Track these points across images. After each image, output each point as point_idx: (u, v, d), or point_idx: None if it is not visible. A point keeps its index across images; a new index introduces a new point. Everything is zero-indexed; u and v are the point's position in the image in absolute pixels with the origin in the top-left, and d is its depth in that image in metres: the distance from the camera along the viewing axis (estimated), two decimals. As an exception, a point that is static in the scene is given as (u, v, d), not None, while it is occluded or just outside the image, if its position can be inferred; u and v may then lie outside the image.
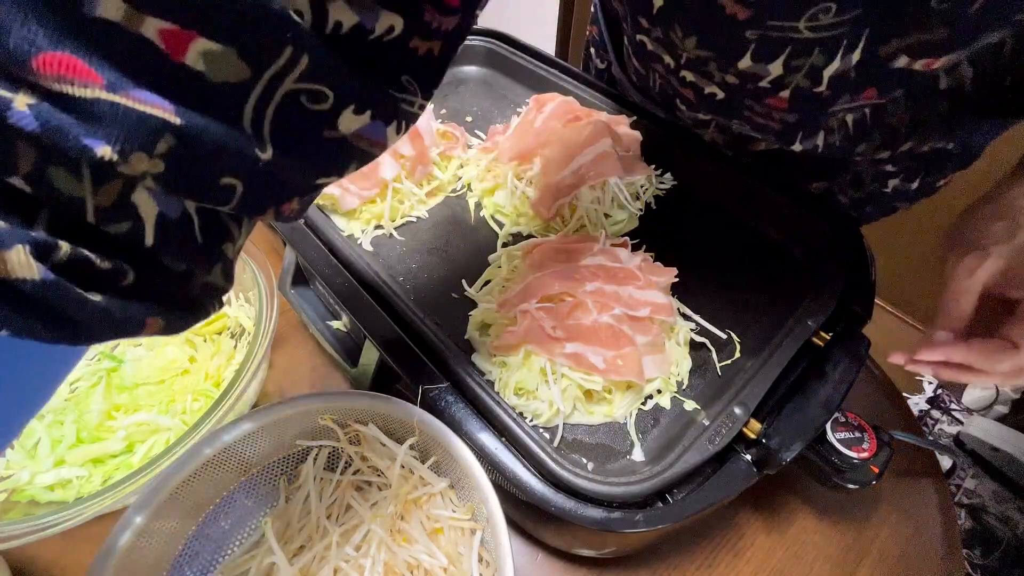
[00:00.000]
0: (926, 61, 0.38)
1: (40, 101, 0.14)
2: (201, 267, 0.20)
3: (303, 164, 0.21)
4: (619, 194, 0.55)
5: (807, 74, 0.41)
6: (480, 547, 0.35)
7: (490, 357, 0.44)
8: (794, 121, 0.48)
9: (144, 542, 0.32)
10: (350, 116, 0.20)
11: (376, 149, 0.24)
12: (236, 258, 0.23)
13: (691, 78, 0.49)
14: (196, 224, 0.19)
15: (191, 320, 0.21)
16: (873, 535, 0.43)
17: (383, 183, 0.55)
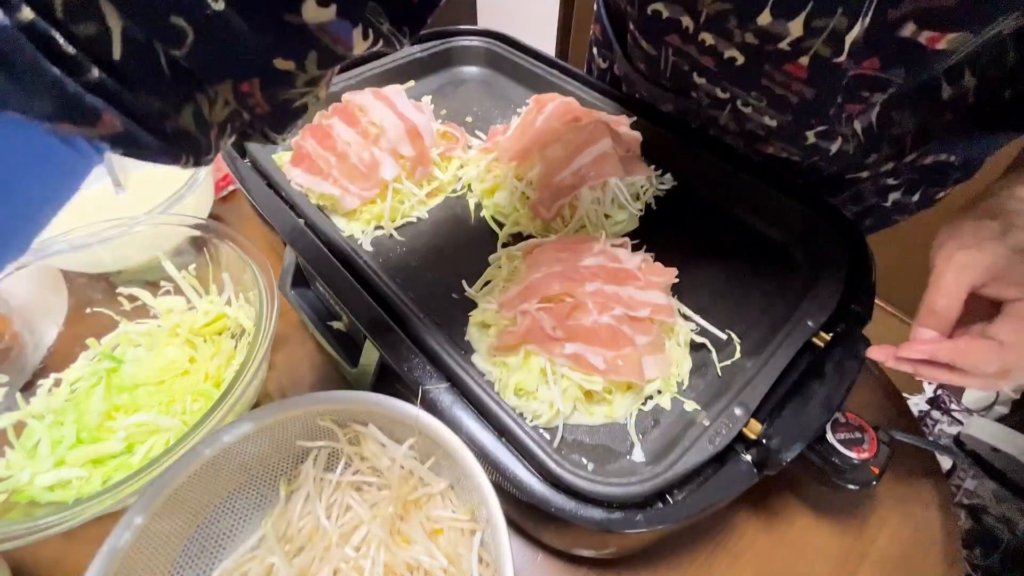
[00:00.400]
0: (931, 35, 0.37)
1: None
2: (170, 103, 0.20)
3: (258, 35, 0.20)
4: (619, 194, 0.55)
5: (829, 39, 0.40)
6: (480, 548, 0.35)
7: (490, 357, 0.44)
8: (812, 98, 0.46)
9: (144, 543, 0.32)
10: (313, 5, 0.20)
11: (339, 47, 0.23)
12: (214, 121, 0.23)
13: (710, 41, 0.48)
14: (162, 58, 0.19)
15: (155, 144, 0.20)
16: (873, 535, 0.43)
17: (383, 183, 0.55)
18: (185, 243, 0.51)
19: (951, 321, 0.35)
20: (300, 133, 0.59)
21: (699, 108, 0.60)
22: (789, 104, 0.49)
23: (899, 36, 0.38)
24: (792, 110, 0.49)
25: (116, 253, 0.50)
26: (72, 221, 0.59)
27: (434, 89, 0.73)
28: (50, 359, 0.48)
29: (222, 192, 0.71)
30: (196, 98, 0.21)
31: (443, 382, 0.39)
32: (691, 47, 0.51)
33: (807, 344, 0.42)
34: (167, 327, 0.50)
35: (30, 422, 0.43)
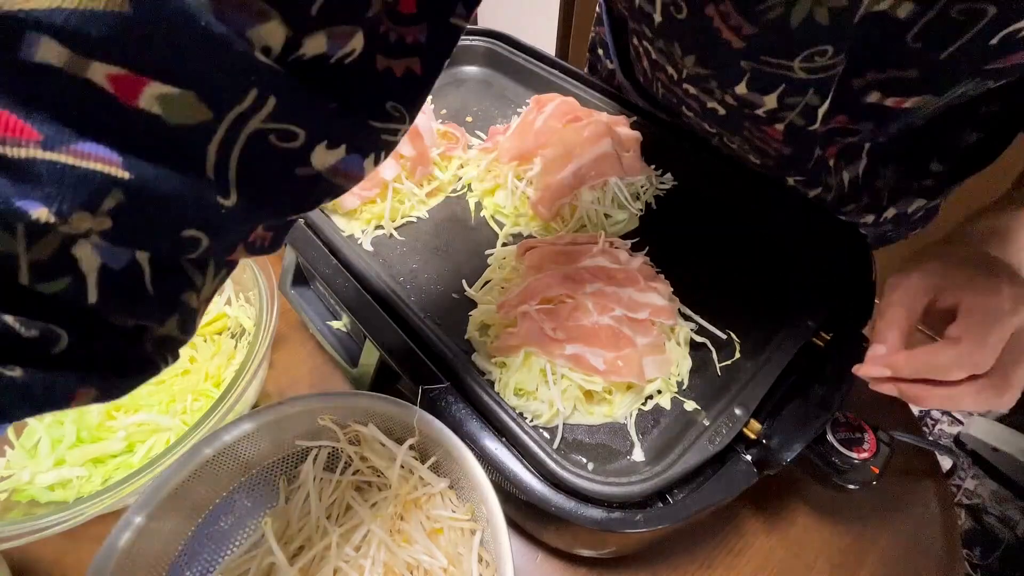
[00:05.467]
0: (896, 100, 0.38)
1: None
2: (153, 320, 0.18)
3: (273, 205, 0.19)
4: (619, 194, 0.55)
5: (802, 112, 0.41)
6: (480, 547, 0.35)
7: (490, 357, 0.44)
8: (789, 154, 0.48)
9: (144, 542, 0.32)
10: (323, 151, 0.19)
11: (351, 182, 0.22)
12: (202, 307, 0.21)
13: (693, 91, 0.49)
14: (147, 275, 0.17)
15: (135, 381, 0.19)
16: (873, 535, 0.43)
17: (383, 183, 0.55)
18: (185, 243, 0.51)
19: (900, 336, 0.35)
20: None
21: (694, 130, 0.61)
22: (769, 155, 0.50)
23: (865, 102, 0.40)
24: (772, 159, 0.51)
25: (116, 253, 0.50)
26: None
27: (434, 89, 0.73)
28: (50, 359, 0.48)
29: (222, 192, 0.71)
30: (182, 301, 0.19)
31: (443, 382, 0.39)
32: (677, 89, 0.52)
33: (807, 344, 0.42)
34: (167, 327, 0.50)
35: (30, 422, 0.43)
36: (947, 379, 0.32)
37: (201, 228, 0.17)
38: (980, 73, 0.34)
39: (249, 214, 0.19)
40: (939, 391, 0.33)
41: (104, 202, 0.14)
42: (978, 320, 0.32)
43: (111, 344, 0.17)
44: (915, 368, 0.33)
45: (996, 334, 0.31)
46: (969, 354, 0.31)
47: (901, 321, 0.35)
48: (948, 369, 0.32)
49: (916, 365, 0.33)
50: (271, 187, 0.19)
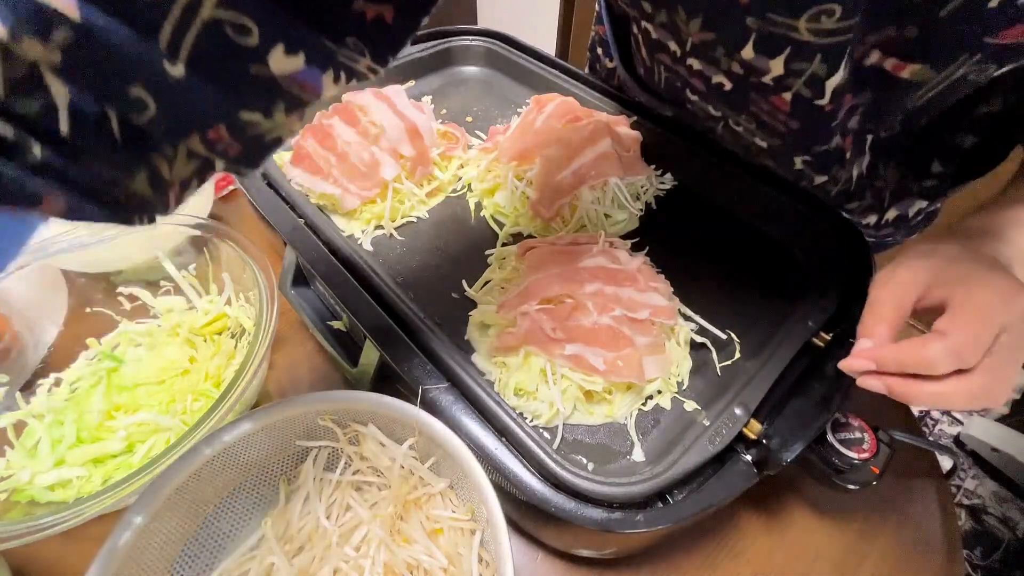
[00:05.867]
0: (895, 63, 0.38)
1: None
2: (121, 170, 0.19)
3: (222, 93, 0.20)
4: (619, 194, 0.55)
5: (808, 82, 0.41)
6: (480, 547, 0.35)
7: (490, 357, 0.44)
8: (797, 129, 0.47)
9: (144, 542, 0.32)
10: (281, 56, 0.20)
11: (307, 94, 0.23)
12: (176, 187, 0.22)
13: (698, 66, 0.48)
14: (114, 124, 0.18)
15: (103, 214, 0.19)
16: (873, 536, 0.43)
17: (383, 183, 0.55)
18: (185, 243, 0.51)
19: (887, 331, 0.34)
20: (300, 133, 0.59)
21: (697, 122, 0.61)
22: (777, 132, 0.50)
23: (865, 64, 0.39)
24: (780, 137, 0.50)
25: (116, 253, 0.50)
26: (72, 221, 0.59)
27: (434, 89, 0.73)
28: (50, 359, 0.48)
29: (222, 192, 0.71)
30: (151, 160, 0.20)
31: (443, 382, 0.39)
32: (680, 68, 0.51)
33: (807, 344, 0.42)
34: (167, 327, 0.50)
35: (30, 422, 0.43)
36: (933, 373, 0.31)
37: (147, 89, 0.18)
38: (980, 47, 0.34)
39: (198, 94, 0.19)
40: (928, 388, 0.31)
41: (54, 34, 0.15)
42: (967, 314, 0.31)
43: (83, 174, 0.18)
44: (900, 362, 0.32)
45: (985, 329, 0.30)
46: (956, 348, 0.30)
47: (889, 315, 0.34)
48: (934, 363, 0.30)
49: (902, 359, 0.32)
50: (222, 76, 0.20)
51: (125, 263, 0.51)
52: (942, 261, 0.34)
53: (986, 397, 0.30)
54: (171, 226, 0.50)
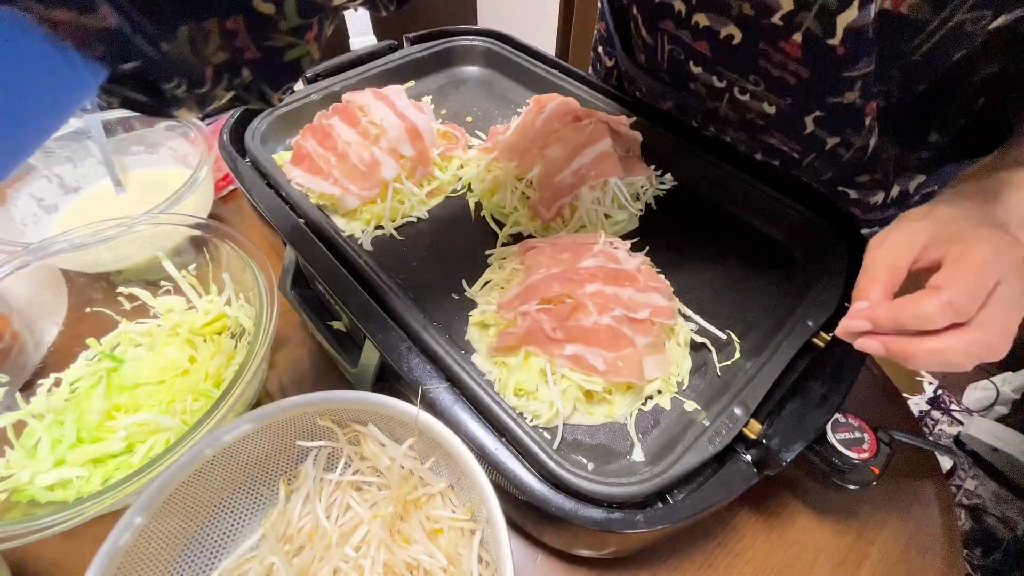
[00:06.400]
0: None
1: None
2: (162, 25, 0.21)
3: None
4: (619, 194, 0.55)
5: (819, 15, 0.40)
6: (480, 547, 0.35)
7: (490, 357, 0.44)
8: (808, 78, 0.46)
9: (144, 542, 0.32)
10: None
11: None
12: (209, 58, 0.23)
13: (704, 22, 0.48)
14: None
15: (149, 51, 0.21)
16: (873, 536, 0.43)
17: (383, 183, 0.55)
18: (185, 243, 0.51)
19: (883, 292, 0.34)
20: (300, 133, 0.59)
21: (698, 101, 0.59)
22: (787, 86, 0.49)
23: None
24: (790, 92, 0.49)
25: (116, 253, 0.50)
26: (72, 221, 0.59)
27: (434, 89, 0.73)
28: (50, 359, 0.48)
29: (222, 192, 0.71)
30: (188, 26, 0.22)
31: (443, 382, 0.39)
32: (685, 32, 0.51)
33: (807, 344, 0.42)
34: (167, 327, 0.50)
35: (30, 422, 0.43)
36: (930, 328, 0.30)
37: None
38: None
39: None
40: (926, 345, 0.31)
41: None
42: (961, 269, 0.31)
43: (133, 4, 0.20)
44: (896, 319, 0.31)
45: (980, 281, 0.30)
46: (952, 301, 0.29)
47: (883, 277, 0.33)
48: (931, 317, 0.30)
49: (897, 316, 0.31)
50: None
51: (125, 263, 0.51)
52: (936, 223, 0.34)
53: (984, 350, 0.30)
54: (171, 226, 0.50)
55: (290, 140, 0.61)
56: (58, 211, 0.62)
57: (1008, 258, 0.31)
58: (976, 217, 0.35)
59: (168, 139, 0.66)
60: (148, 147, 0.66)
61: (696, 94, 0.59)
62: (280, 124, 0.62)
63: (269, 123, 0.61)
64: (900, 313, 0.31)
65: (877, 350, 0.33)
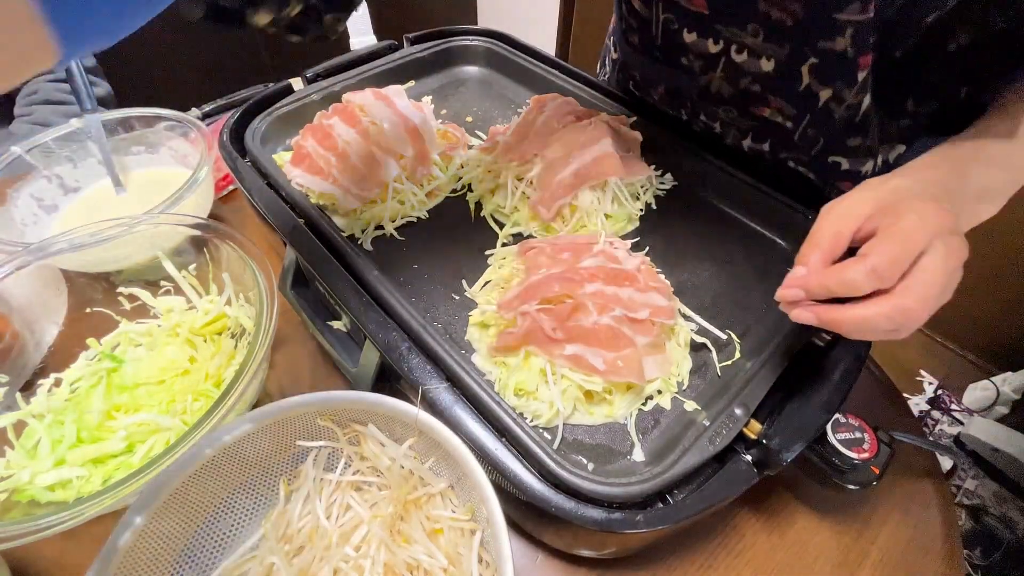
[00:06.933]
0: None
1: None
2: None
3: None
4: (619, 194, 0.55)
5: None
6: (480, 548, 0.35)
7: (490, 357, 0.44)
8: (804, 16, 0.47)
9: (144, 542, 0.32)
10: None
11: None
12: None
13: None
14: None
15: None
16: (873, 536, 0.43)
17: (383, 183, 0.55)
18: (185, 243, 0.51)
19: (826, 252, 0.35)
20: (300, 133, 0.59)
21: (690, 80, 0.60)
22: (785, 30, 0.49)
23: None
24: (788, 37, 0.49)
25: (116, 253, 0.50)
26: (72, 221, 0.59)
27: (434, 89, 0.73)
28: (50, 359, 0.48)
29: (222, 192, 0.71)
30: None
31: (443, 382, 0.39)
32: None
33: (807, 344, 0.42)
34: (167, 327, 0.50)
35: (30, 422, 0.43)
36: (857, 294, 0.32)
37: None
38: None
39: None
40: (852, 313, 0.33)
41: None
42: (889, 238, 0.32)
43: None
44: (826, 286, 0.33)
45: (904, 249, 0.32)
46: (875, 266, 0.31)
47: (826, 244, 0.35)
48: (855, 283, 0.32)
49: (827, 283, 0.33)
50: None
51: (125, 263, 0.51)
52: (886, 193, 0.35)
53: (904, 318, 0.32)
54: (171, 226, 0.50)
55: (290, 140, 0.61)
56: (58, 211, 0.62)
57: (933, 227, 0.32)
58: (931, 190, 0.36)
59: (168, 139, 0.66)
60: (148, 147, 0.66)
61: (689, 70, 0.59)
62: (280, 124, 0.62)
63: (269, 123, 0.61)
64: (829, 280, 0.33)
65: (809, 319, 0.35)
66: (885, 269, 0.32)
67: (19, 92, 0.95)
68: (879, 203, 0.35)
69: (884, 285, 0.32)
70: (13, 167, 0.59)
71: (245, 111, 0.61)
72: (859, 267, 0.32)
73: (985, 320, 1.48)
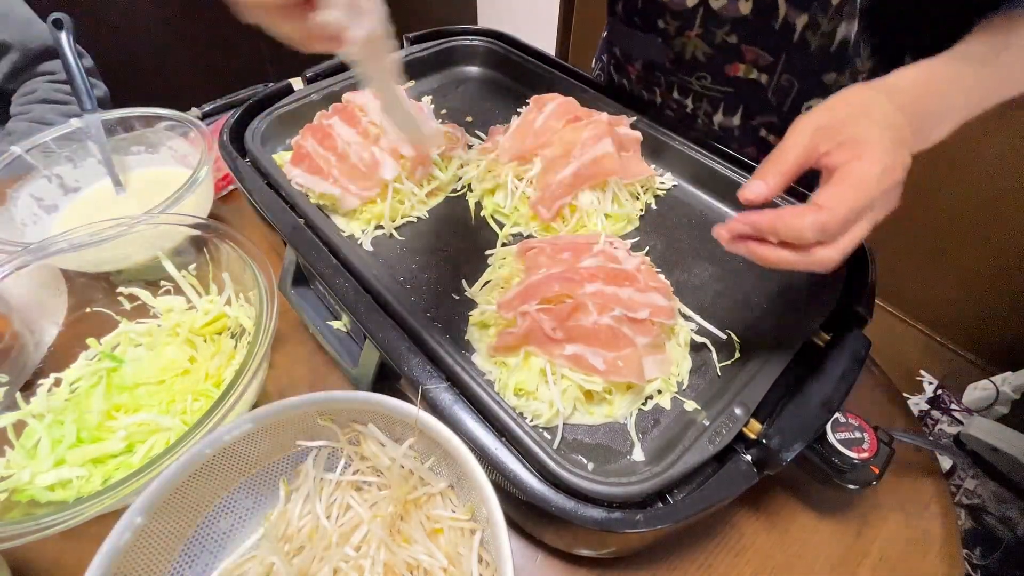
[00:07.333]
0: None
1: None
2: None
3: None
4: (619, 194, 0.55)
5: None
6: (480, 547, 0.35)
7: (490, 357, 0.44)
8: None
9: (144, 542, 0.32)
10: None
11: None
12: None
13: None
14: None
15: None
16: (873, 535, 0.43)
17: (383, 183, 0.55)
18: (185, 243, 0.51)
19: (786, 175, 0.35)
20: (300, 133, 0.59)
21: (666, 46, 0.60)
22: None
23: None
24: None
25: (116, 253, 0.50)
26: (72, 221, 0.59)
27: (434, 89, 0.73)
28: (50, 359, 0.48)
29: (222, 192, 0.71)
30: None
31: (443, 382, 0.39)
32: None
33: (807, 343, 0.42)
34: (167, 327, 0.50)
35: (30, 422, 0.43)
36: (800, 243, 0.33)
37: None
38: None
39: None
40: (780, 255, 0.35)
41: None
42: (845, 191, 0.33)
43: None
44: (775, 229, 0.34)
45: (857, 206, 0.32)
46: (826, 224, 0.32)
47: (788, 164, 0.35)
48: (804, 236, 0.33)
49: (777, 226, 0.34)
50: None
51: (125, 263, 0.51)
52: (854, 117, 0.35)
53: (824, 266, 0.34)
54: (171, 226, 0.50)
55: (290, 140, 0.61)
56: (58, 211, 0.62)
57: (890, 181, 0.33)
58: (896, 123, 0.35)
59: (168, 139, 0.66)
60: (148, 147, 0.66)
61: (664, 33, 0.60)
62: (280, 124, 0.62)
63: (269, 123, 0.61)
64: (779, 225, 0.34)
65: (742, 251, 0.37)
66: (835, 229, 0.32)
67: (15, 92, 0.95)
68: (849, 132, 0.35)
69: (827, 241, 0.33)
70: (13, 167, 0.59)
71: (245, 111, 0.61)
72: (809, 221, 0.32)
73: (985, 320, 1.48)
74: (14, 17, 0.91)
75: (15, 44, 0.91)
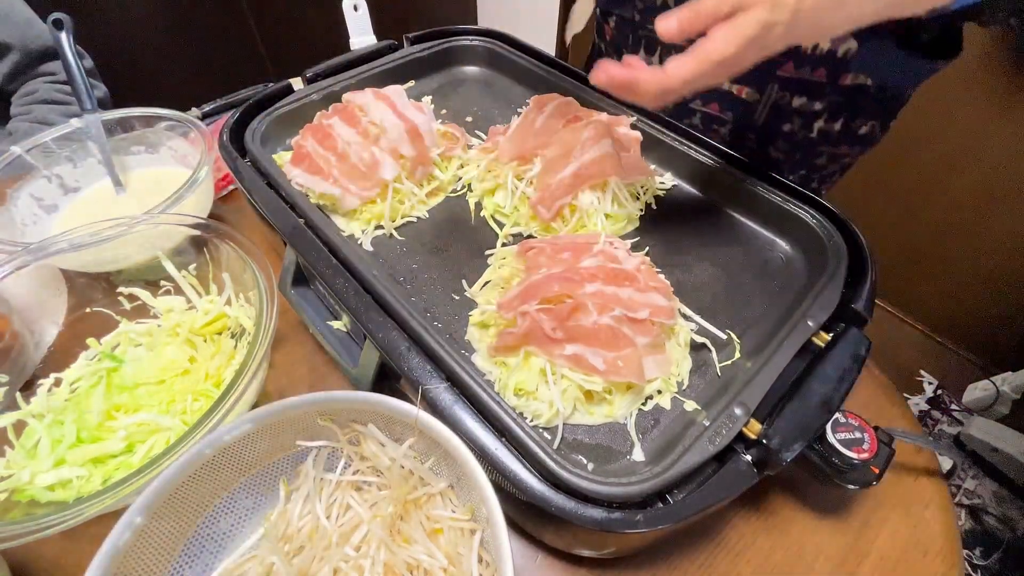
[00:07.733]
0: None
1: None
2: None
3: None
4: (619, 194, 0.55)
5: None
6: (480, 547, 0.35)
7: (490, 357, 0.44)
8: None
9: (144, 542, 0.32)
10: None
11: None
12: None
13: None
14: None
15: None
16: (873, 535, 0.43)
17: (383, 183, 0.55)
18: (185, 243, 0.51)
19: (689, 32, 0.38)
20: (300, 133, 0.59)
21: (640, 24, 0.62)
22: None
23: None
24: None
25: (116, 253, 0.50)
26: (72, 221, 0.59)
27: (434, 89, 0.73)
28: (50, 359, 0.48)
29: (222, 192, 0.71)
30: None
31: (443, 382, 0.39)
32: None
33: (807, 344, 0.42)
34: (167, 327, 0.50)
35: (30, 422, 0.43)
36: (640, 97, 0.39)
37: None
38: None
39: None
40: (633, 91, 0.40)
41: None
42: (692, 56, 0.37)
43: None
44: (642, 81, 0.39)
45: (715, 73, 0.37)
46: (667, 89, 0.38)
47: (695, 25, 0.37)
48: (646, 100, 0.39)
49: (640, 79, 0.38)
50: None
51: (125, 263, 0.51)
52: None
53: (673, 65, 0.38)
54: (171, 226, 0.50)
55: (290, 140, 0.61)
56: (58, 211, 0.62)
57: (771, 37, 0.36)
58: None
59: (168, 139, 0.66)
60: (148, 147, 0.66)
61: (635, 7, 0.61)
62: (280, 124, 0.62)
63: (269, 123, 0.61)
64: (643, 78, 0.39)
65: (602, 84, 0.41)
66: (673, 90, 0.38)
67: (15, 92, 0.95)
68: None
69: None
70: (13, 167, 0.59)
71: (245, 111, 0.61)
72: (653, 89, 0.38)
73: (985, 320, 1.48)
74: (14, 18, 0.91)
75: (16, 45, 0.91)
